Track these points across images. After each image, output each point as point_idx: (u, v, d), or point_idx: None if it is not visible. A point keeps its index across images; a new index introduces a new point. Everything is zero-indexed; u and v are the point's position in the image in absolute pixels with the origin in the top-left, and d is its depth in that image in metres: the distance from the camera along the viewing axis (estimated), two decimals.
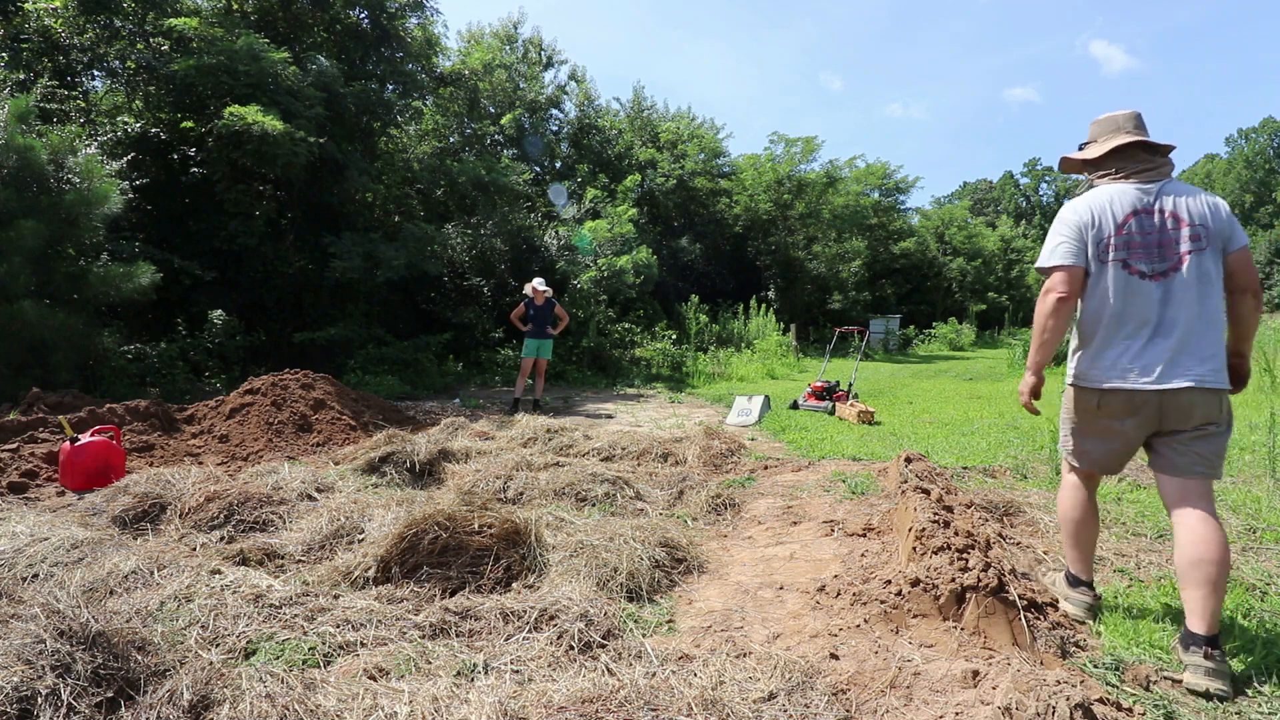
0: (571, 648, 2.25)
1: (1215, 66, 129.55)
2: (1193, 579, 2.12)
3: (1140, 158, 2.34)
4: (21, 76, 9.10)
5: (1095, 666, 2.16)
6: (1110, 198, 2.32)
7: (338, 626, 2.36)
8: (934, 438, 6.36)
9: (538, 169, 18.53)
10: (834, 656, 2.18)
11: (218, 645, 2.24)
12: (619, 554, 2.95)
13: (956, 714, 1.80)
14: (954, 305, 30.91)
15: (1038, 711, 1.66)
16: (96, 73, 11.07)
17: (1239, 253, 2.23)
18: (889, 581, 2.47)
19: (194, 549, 3.21)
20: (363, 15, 12.54)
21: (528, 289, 8.34)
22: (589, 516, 3.74)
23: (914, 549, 2.62)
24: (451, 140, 17.01)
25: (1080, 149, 2.52)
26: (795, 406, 8.42)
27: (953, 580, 2.29)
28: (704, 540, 3.54)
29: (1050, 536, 3.44)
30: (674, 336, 14.51)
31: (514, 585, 2.77)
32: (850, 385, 8.78)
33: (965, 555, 2.43)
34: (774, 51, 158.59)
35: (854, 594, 2.53)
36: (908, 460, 4.08)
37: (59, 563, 2.90)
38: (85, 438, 4.40)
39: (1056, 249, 2.34)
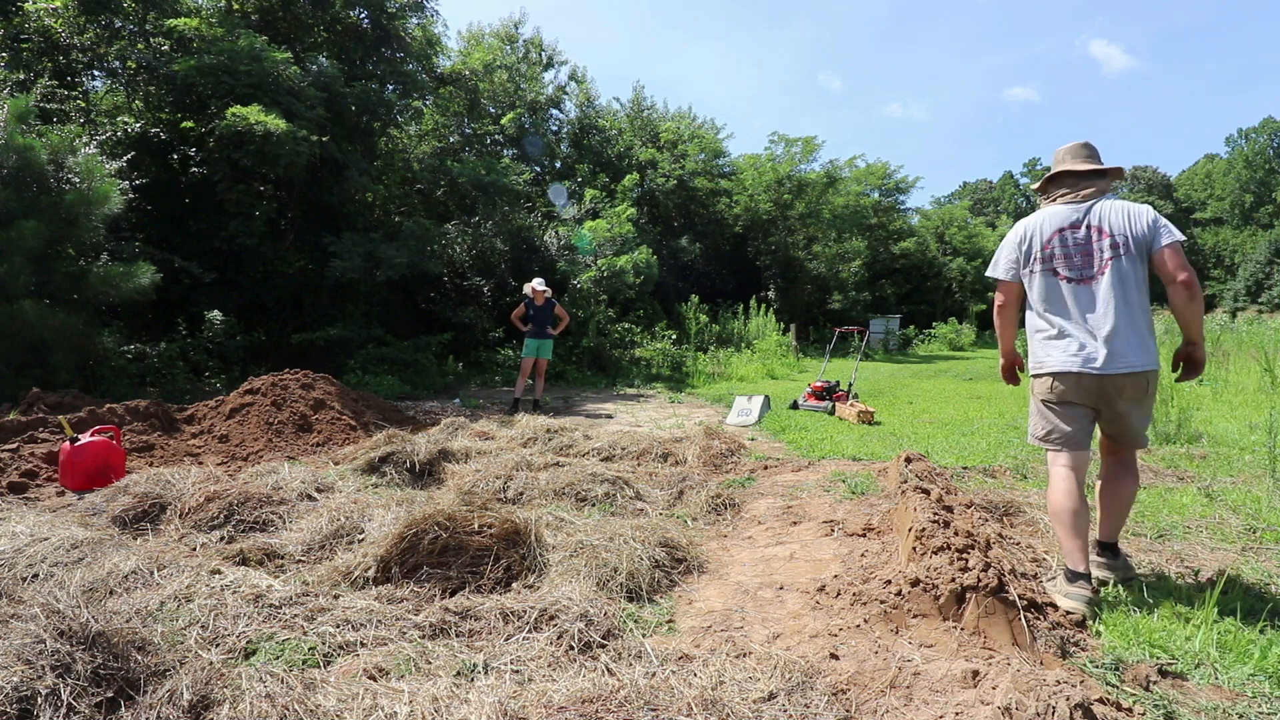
0: (571, 648, 2.25)
1: (1215, 66, 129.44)
2: (1105, 508, 2.83)
3: (1068, 182, 2.80)
4: (21, 76, 9.10)
5: (1095, 666, 2.16)
6: (1044, 218, 2.80)
7: (338, 626, 2.36)
8: (934, 438, 6.36)
9: (538, 169, 18.53)
10: (834, 656, 2.18)
11: (218, 645, 2.24)
12: (619, 554, 2.95)
13: (956, 714, 1.80)
14: (954, 305, 30.92)
15: (1038, 711, 1.66)
16: (96, 73, 11.07)
17: (1161, 251, 2.60)
18: (889, 581, 2.47)
19: (194, 549, 3.21)
20: (363, 15, 12.54)
21: (527, 289, 8.34)
22: (589, 516, 3.74)
23: (914, 549, 2.62)
24: (451, 140, 17.01)
25: None
26: (795, 406, 8.42)
27: (953, 580, 2.29)
28: (704, 540, 3.54)
29: (1050, 536, 3.44)
30: (674, 336, 14.51)
31: (514, 585, 2.77)
32: (850, 385, 8.78)
33: (965, 555, 2.43)
34: (774, 51, 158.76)
35: (854, 594, 2.53)
36: (908, 460, 4.08)
37: (59, 563, 2.90)
38: (85, 438, 4.40)
39: (996, 264, 2.93)
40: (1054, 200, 2.82)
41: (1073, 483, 2.68)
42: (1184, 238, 2.63)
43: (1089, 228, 2.68)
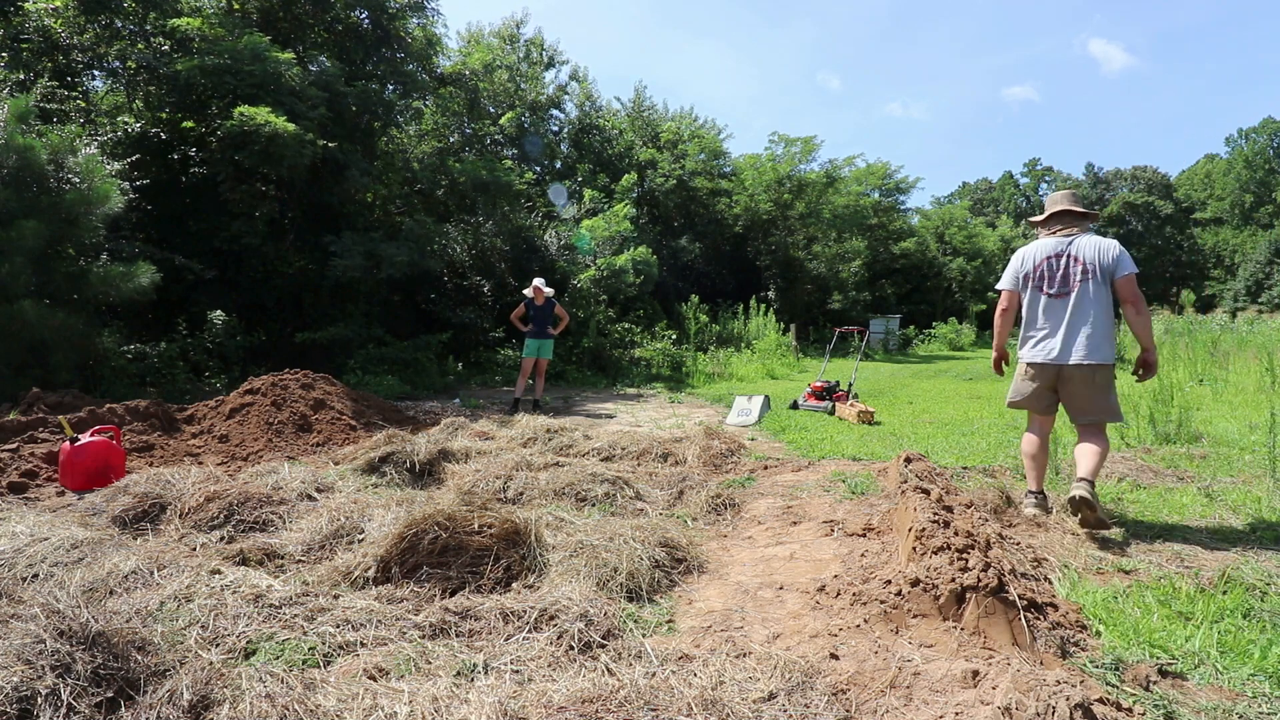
0: (571, 648, 2.25)
1: (1215, 66, 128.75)
2: (1079, 459, 3.52)
3: (1063, 219, 3.68)
4: (21, 76, 9.10)
5: (1095, 666, 2.16)
6: (1039, 246, 3.71)
7: (338, 626, 2.36)
8: (934, 438, 6.36)
9: (538, 169, 18.53)
10: (834, 656, 2.18)
11: (218, 645, 2.24)
12: (619, 554, 2.95)
13: (956, 714, 1.80)
14: (954, 305, 30.91)
15: (1037, 711, 1.66)
16: (96, 73, 11.07)
17: (1120, 280, 3.49)
18: (889, 581, 2.47)
19: (194, 549, 3.21)
20: (363, 16, 12.54)
21: (528, 289, 8.35)
22: (589, 516, 3.74)
23: (914, 549, 2.62)
24: (451, 140, 17.01)
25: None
26: (795, 406, 8.42)
27: (953, 580, 2.29)
28: (704, 540, 3.54)
29: (1050, 535, 3.44)
30: (674, 336, 14.50)
31: (514, 585, 2.77)
32: (850, 385, 8.78)
33: (965, 555, 2.43)
34: (774, 51, 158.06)
35: (854, 594, 2.53)
36: (908, 460, 4.08)
37: (59, 563, 2.90)
38: (85, 438, 4.40)
39: (1004, 277, 3.82)
40: (1053, 232, 3.68)
41: (1035, 434, 3.76)
42: (1138, 270, 3.51)
43: (1069, 257, 3.58)
